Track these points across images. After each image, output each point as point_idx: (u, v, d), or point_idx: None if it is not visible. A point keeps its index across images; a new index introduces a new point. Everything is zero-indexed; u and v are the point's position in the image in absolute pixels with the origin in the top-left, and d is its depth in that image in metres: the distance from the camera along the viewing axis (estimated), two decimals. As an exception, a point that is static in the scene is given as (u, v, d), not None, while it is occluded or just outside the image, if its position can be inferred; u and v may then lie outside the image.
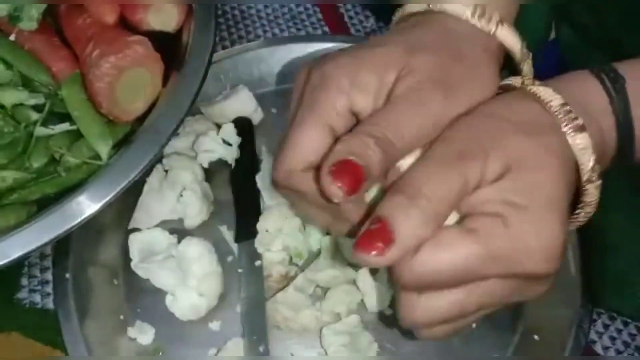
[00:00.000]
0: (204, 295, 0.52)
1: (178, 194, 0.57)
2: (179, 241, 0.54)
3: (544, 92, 0.39)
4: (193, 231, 0.57)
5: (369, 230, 0.34)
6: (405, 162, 0.38)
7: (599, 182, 0.38)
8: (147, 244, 0.55)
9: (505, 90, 0.43)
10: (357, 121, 0.40)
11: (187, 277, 0.53)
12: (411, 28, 0.43)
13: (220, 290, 0.54)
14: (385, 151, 0.36)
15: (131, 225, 0.57)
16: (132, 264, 0.54)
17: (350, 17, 0.74)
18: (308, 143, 0.38)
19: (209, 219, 0.58)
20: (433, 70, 0.39)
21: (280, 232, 0.55)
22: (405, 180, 0.36)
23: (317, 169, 0.38)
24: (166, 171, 0.58)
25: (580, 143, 0.37)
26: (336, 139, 0.38)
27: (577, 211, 0.40)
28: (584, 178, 0.38)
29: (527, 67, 0.45)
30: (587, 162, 0.37)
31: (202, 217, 0.57)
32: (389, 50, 0.40)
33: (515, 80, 0.42)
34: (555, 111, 0.38)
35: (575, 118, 0.38)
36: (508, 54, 0.46)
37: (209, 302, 0.53)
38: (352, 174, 0.34)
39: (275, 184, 0.41)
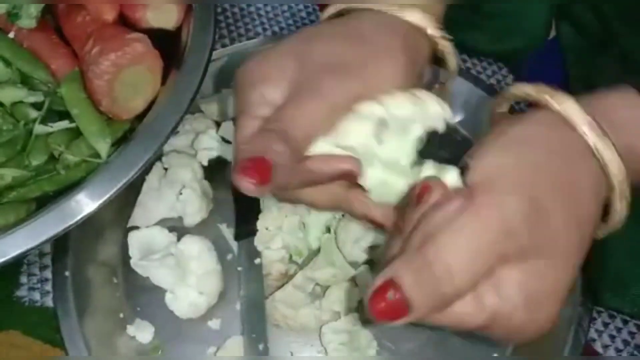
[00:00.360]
0: (204, 293, 0.52)
1: (177, 192, 0.56)
2: (178, 239, 0.55)
3: (573, 112, 0.39)
4: (192, 229, 0.57)
5: (390, 302, 0.34)
6: None
7: (629, 195, 0.39)
8: (146, 242, 0.55)
9: (524, 101, 0.42)
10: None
11: (186, 275, 0.53)
12: (322, 23, 0.46)
13: (220, 288, 0.54)
14: (286, 141, 0.38)
15: (130, 224, 0.57)
16: (132, 262, 0.54)
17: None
18: (246, 137, 0.41)
19: (209, 217, 0.58)
20: (327, 56, 0.41)
21: (279, 230, 0.55)
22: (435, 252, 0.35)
23: None
24: (165, 169, 0.58)
25: (607, 159, 0.38)
26: None
27: (605, 224, 0.41)
28: (615, 194, 0.39)
29: (446, 49, 0.46)
30: (615, 175, 0.38)
31: (201, 215, 0.57)
32: (289, 42, 0.43)
33: (534, 92, 0.41)
34: (583, 132, 0.38)
35: (605, 134, 0.38)
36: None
37: (208, 300, 0.53)
38: (260, 169, 0.37)
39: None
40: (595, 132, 0.38)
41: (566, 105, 0.39)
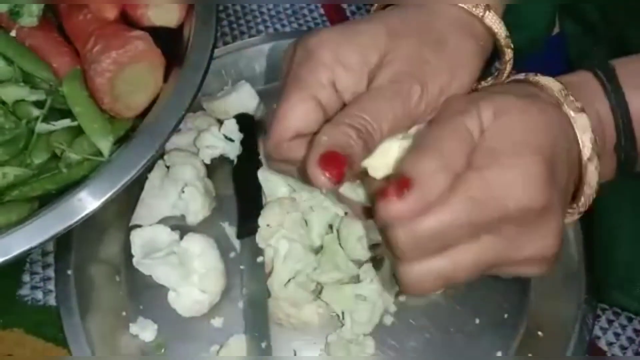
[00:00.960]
0: (206, 291, 0.52)
1: (180, 190, 0.56)
2: (181, 237, 0.54)
3: (545, 79, 0.41)
4: (195, 227, 0.57)
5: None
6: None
7: (597, 162, 0.40)
8: (149, 240, 0.55)
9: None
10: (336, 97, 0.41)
11: (189, 273, 0.52)
12: (397, 8, 0.44)
13: (223, 286, 0.53)
14: (365, 142, 0.38)
15: (133, 222, 0.57)
16: (134, 261, 0.54)
17: (352, 12, 0.74)
18: (294, 114, 0.40)
19: (211, 215, 0.58)
20: (414, 59, 0.40)
21: (281, 226, 0.55)
22: (421, 141, 0.38)
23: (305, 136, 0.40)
24: (168, 167, 0.58)
25: (580, 123, 0.39)
26: (323, 111, 0.40)
27: (579, 193, 0.41)
28: (585, 157, 0.39)
29: (508, 56, 0.45)
30: (587, 141, 0.39)
31: (204, 214, 0.57)
32: (373, 31, 0.41)
33: (518, 76, 0.44)
34: (556, 94, 0.40)
35: (574, 100, 0.40)
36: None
37: (211, 298, 0.53)
38: (337, 165, 0.36)
39: (269, 157, 0.43)
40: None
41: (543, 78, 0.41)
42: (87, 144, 0.48)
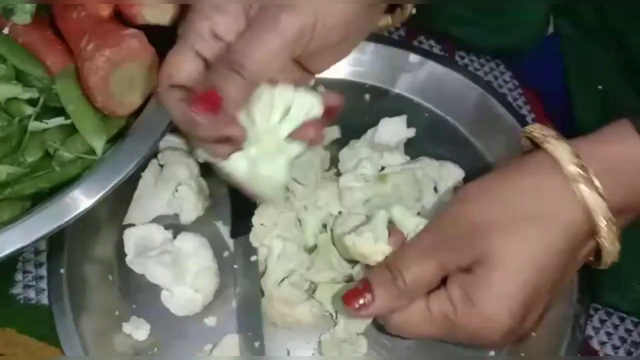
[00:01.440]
0: (199, 290, 0.52)
1: (173, 189, 0.56)
2: (174, 236, 0.54)
3: (560, 151, 0.42)
4: (189, 226, 0.57)
5: (356, 289, 0.46)
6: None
7: (614, 234, 0.43)
8: (142, 239, 0.54)
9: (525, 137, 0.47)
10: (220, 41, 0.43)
11: (182, 272, 0.52)
12: None
13: (216, 285, 0.53)
14: (242, 75, 0.40)
15: (126, 221, 0.56)
16: (127, 260, 0.54)
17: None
18: (173, 64, 0.43)
19: (205, 214, 0.57)
20: None
21: (275, 226, 0.55)
22: (394, 259, 0.46)
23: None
24: (161, 166, 0.58)
25: (592, 202, 0.41)
26: (203, 61, 0.43)
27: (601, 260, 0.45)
28: (602, 238, 0.43)
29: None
30: (600, 222, 0.42)
31: (197, 213, 0.57)
32: None
33: (536, 131, 0.45)
34: (568, 172, 0.42)
35: (590, 179, 0.41)
36: None
37: (204, 297, 0.53)
38: (209, 101, 0.39)
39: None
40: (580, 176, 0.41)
41: (558, 150, 0.43)
42: (80, 142, 0.47)
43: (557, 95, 0.65)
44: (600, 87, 0.61)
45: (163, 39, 0.51)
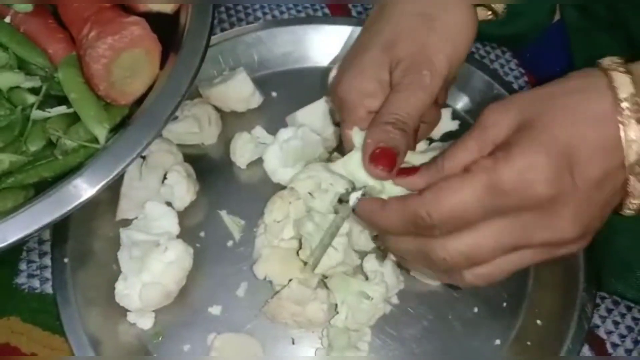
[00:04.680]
0: (147, 299, 0.51)
1: (161, 177, 0.56)
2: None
3: (620, 79, 0.40)
4: (184, 213, 0.56)
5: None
6: None
7: None
8: (152, 218, 0.54)
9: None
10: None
11: (143, 268, 0.51)
12: (379, 18, 0.51)
13: (168, 301, 0.53)
14: (402, 129, 0.46)
15: (118, 217, 0.56)
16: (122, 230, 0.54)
17: (359, 12, 0.72)
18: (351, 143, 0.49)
19: (197, 199, 0.57)
20: (413, 51, 0.48)
21: (289, 218, 0.54)
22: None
23: None
24: (143, 157, 0.57)
25: (631, 135, 0.39)
26: None
27: (621, 202, 0.42)
28: (627, 169, 0.40)
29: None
30: (633, 154, 0.39)
31: (190, 197, 0.57)
32: (373, 57, 0.49)
33: (605, 62, 0.42)
34: (620, 100, 0.39)
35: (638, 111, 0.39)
36: None
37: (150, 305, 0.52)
38: (386, 157, 0.45)
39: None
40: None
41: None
42: (82, 131, 0.47)
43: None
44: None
45: (165, 27, 0.51)
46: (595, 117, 0.39)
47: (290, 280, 0.52)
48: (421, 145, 0.57)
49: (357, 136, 0.48)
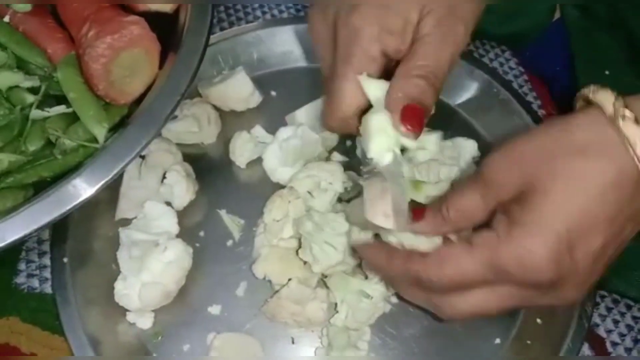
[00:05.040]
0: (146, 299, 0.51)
1: (160, 177, 0.56)
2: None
3: (634, 135, 0.39)
4: (183, 212, 0.56)
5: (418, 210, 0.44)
6: None
7: None
8: (152, 217, 0.54)
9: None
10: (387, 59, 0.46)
11: (144, 269, 0.51)
12: None
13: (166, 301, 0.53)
14: (434, 87, 0.43)
15: (118, 217, 0.56)
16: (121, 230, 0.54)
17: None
18: (353, 93, 0.45)
19: (196, 198, 0.57)
20: (445, 6, 0.45)
21: (288, 217, 0.54)
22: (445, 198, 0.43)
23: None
24: (142, 157, 0.57)
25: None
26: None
27: None
28: None
29: None
30: None
31: (189, 197, 0.57)
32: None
33: (607, 104, 0.40)
34: (609, 111, 0.39)
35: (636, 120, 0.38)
36: None
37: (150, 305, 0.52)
38: (417, 116, 0.42)
39: (331, 129, 0.49)
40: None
41: (600, 94, 0.40)
42: (82, 130, 0.47)
43: (563, 81, 0.64)
44: (607, 72, 0.60)
45: (164, 26, 0.51)
46: (599, 189, 0.39)
47: (289, 279, 0.52)
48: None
49: (371, 87, 0.44)
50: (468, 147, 0.58)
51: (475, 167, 0.58)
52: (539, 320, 0.53)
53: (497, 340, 0.53)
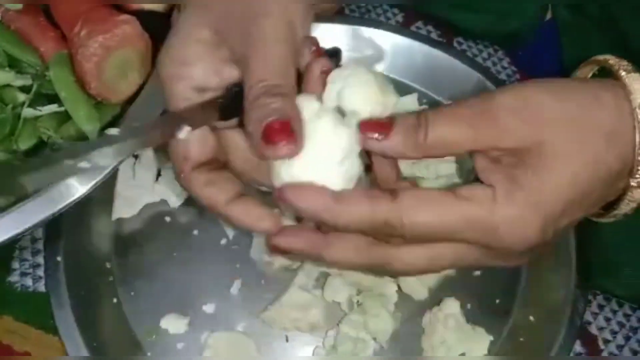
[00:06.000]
0: None
1: (154, 175, 0.56)
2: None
3: (634, 84, 0.38)
4: (178, 210, 0.56)
5: (378, 121, 0.37)
6: None
7: None
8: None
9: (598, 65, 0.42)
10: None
11: None
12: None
13: None
14: (282, 94, 0.36)
15: (115, 216, 0.56)
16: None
17: (352, 11, 0.72)
18: (180, 146, 0.39)
19: (190, 197, 0.56)
20: (236, 7, 0.39)
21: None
22: (426, 112, 0.37)
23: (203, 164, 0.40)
24: (135, 157, 0.57)
25: None
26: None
27: (614, 205, 0.40)
28: (633, 182, 0.38)
29: None
30: None
31: (185, 194, 0.57)
32: (185, 19, 0.40)
33: (613, 60, 0.40)
34: (635, 107, 0.37)
35: None
36: None
37: None
38: (281, 129, 0.35)
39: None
40: None
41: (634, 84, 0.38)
42: (74, 129, 0.47)
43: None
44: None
45: (157, 25, 0.51)
46: (605, 175, 0.37)
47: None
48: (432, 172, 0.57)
49: (307, 103, 0.37)
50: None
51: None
52: (531, 318, 0.53)
53: (490, 338, 0.53)
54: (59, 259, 0.53)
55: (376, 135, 0.37)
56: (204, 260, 0.55)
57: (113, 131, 0.38)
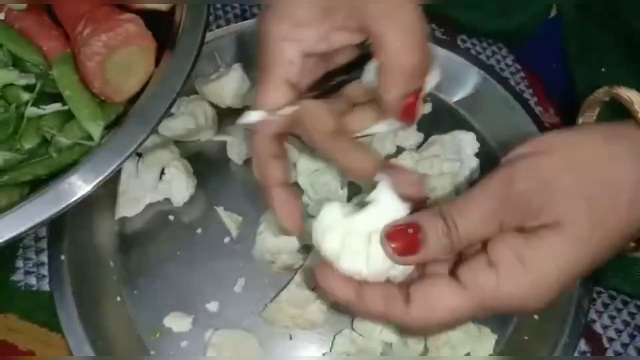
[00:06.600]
0: None
1: (158, 173, 0.56)
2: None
3: None
4: (182, 209, 0.56)
5: (404, 229, 0.37)
6: None
7: None
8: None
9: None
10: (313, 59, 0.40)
11: None
12: None
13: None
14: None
15: (117, 215, 0.56)
16: None
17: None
18: (269, 103, 0.40)
19: (195, 193, 0.57)
20: None
21: None
22: (451, 209, 0.37)
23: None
24: (139, 155, 0.57)
25: None
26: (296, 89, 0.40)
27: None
28: None
29: None
30: None
31: (189, 192, 0.57)
32: None
33: (623, 93, 0.40)
34: None
35: None
36: None
37: None
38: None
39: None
40: None
41: None
42: (77, 128, 0.47)
43: (559, 78, 0.64)
44: (603, 69, 0.60)
45: (160, 24, 0.51)
46: (616, 240, 0.38)
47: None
48: (410, 137, 0.57)
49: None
50: (467, 140, 0.58)
51: (476, 160, 0.58)
52: (536, 317, 0.53)
53: (495, 337, 0.53)
54: (62, 257, 0.53)
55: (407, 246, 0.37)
56: (207, 259, 0.55)
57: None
